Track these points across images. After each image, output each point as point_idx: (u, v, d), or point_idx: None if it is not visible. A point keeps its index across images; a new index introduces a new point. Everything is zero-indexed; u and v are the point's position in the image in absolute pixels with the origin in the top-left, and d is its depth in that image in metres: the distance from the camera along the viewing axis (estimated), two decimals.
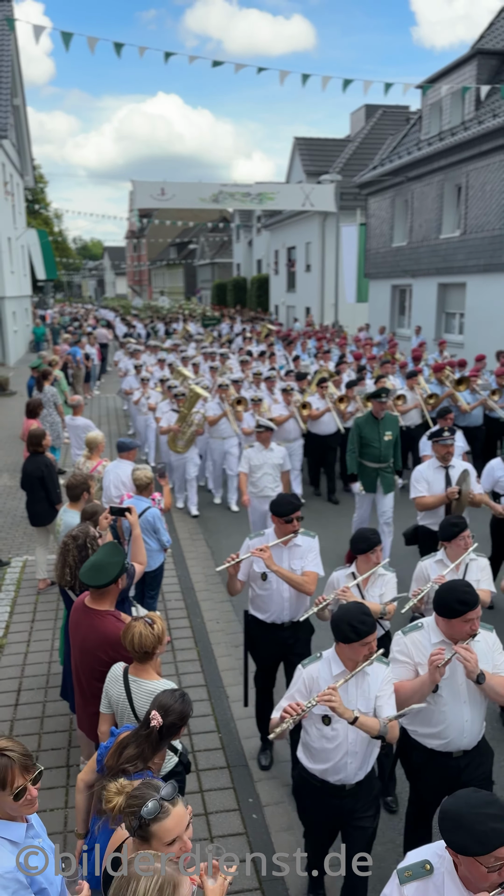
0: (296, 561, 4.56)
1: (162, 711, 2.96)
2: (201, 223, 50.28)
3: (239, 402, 10.28)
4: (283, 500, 4.51)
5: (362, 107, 32.50)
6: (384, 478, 8.04)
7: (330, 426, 10.44)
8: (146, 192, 22.10)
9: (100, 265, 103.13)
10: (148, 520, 5.86)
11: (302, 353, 17.37)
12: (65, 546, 4.50)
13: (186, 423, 9.85)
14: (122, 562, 3.86)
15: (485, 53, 17.29)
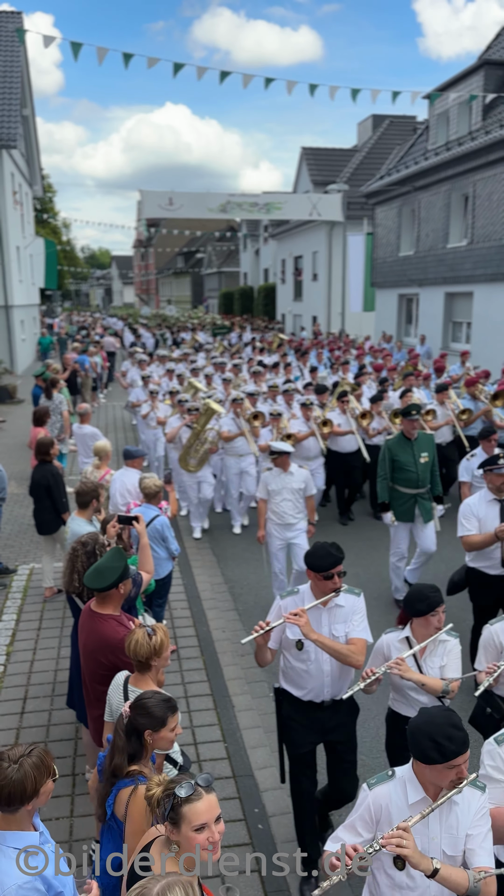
0: (338, 625, 3.81)
1: (133, 703, 2.93)
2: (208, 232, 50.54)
3: (256, 416, 9.63)
4: (322, 551, 3.73)
5: (369, 117, 32.65)
6: (423, 505, 7.16)
7: (352, 443, 9.75)
8: (154, 201, 22.24)
9: (107, 274, 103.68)
10: (157, 528, 5.87)
11: (318, 363, 16.65)
12: (74, 552, 4.51)
13: (199, 441, 9.21)
14: (122, 567, 3.86)
15: (492, 64, 17.35)
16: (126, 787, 2.84)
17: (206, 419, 9.21)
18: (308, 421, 9.39)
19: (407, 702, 3.79)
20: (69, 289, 78.92)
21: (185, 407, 9.64)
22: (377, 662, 3.83)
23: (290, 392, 10.54)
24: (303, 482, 6.92)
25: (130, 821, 2.79)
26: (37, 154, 30.28)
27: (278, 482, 6.88)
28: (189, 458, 9.28)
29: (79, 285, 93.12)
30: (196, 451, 9.22)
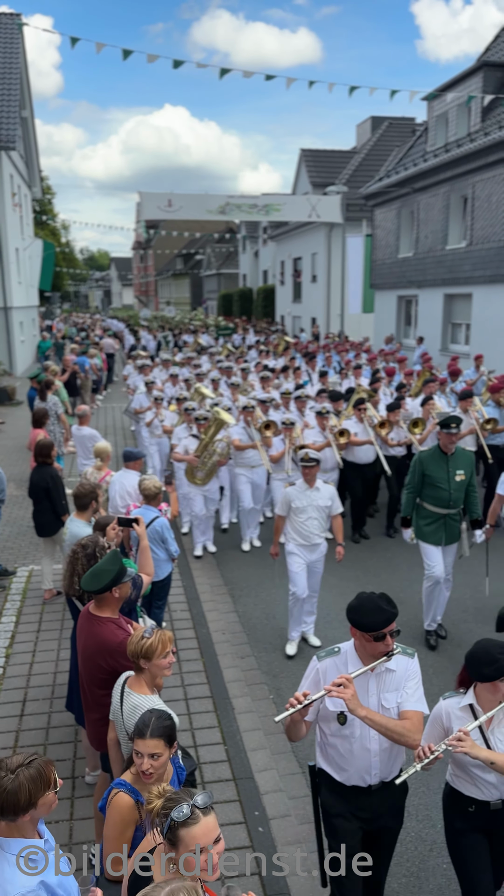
0: (389, 694, 3.17)
1: (138, 721, 2.97)
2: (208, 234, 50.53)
3: (268, 426, 8.98)
4: (370, 604, 3.09)
5: (368, 118, 32.68)
6: (450, 527, 6.52)
7: (369, 453, 9.25)
8: (153, 203, 22.24)
9: (106, 276, 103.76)
10: (156, 529, 5.86)
11: (327, 367, 15.89)
12: (73, 555, 4.49)
13: (207, 452, 8.61)
14: (116, 570, 3.84)
15: (491, 66, 17.37)
16: (112, 789, 2.91)
17: (216, 430, 8.61)
18: (324, 431, 8.98)
19: (471, 780, 3.20)
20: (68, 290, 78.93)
21: (191, 416, 9.03)
22: (435, 734, 3.28)
23: (302, 399, 10.04)
24: (329, 499, 6.34)
25: (106, 823, 2.86)
26: (36, 156, 30.27)
27: (303, 499, 6.26)
28: (196, 471, 8.68)
29: (78, 287, 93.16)
30: (204, 463, 8.61)
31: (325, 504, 6.32)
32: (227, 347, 20.68)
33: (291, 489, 6.35)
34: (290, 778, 4.83)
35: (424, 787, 4.74)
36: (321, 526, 6.39)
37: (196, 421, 8.79)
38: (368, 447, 9.24)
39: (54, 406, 11.11)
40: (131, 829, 2.86)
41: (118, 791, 2.87)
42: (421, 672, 3.29)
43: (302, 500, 6.29)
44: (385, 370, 13.26)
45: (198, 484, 8.70)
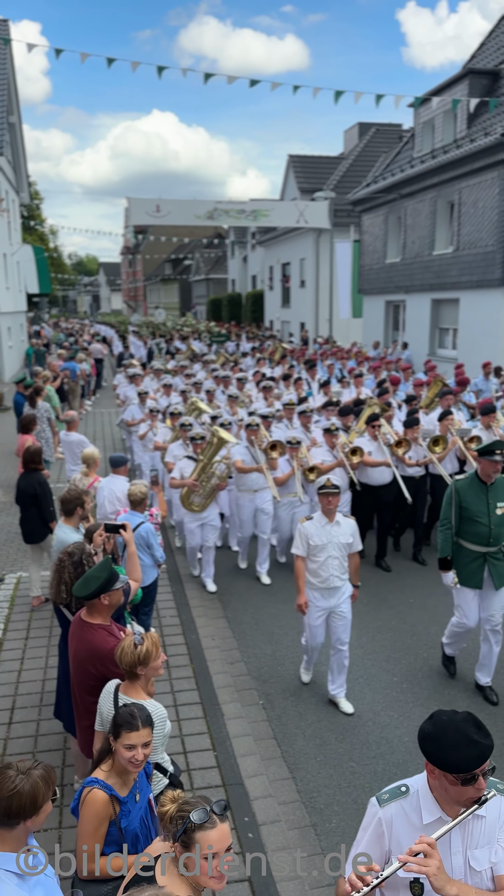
0: (479, 851, 2.34)
1: (116, 716, 3.00)
2: (196, 239, 50.62)
3: (274, 447, 8.05)
4: (456, 734, 2.25)
5: (355, 125, 32.89)
6: (494, 567, 5.67)
7: (385, 474, 8.37)
8: (141, 209, 22.25)
9: (95, 281, 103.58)
10: (141, 535, 5.84)
11: (328, 376, 14.95)
12: (60, 563, 4.46)
13: (206, 475, 7.76)
14: (105, 577, 3.84)
15: (476, 73, 17.53)
16: (85, 787, 2.91)
17: (215, 450, 7.79)
18: (333, 449, 8.24)
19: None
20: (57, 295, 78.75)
21: (187, 433, 8.26)
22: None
23: (307, 414, 9.14)
24: (351, 535, 5.58)
25: (80, 821, 2.86)
26: (23, 161, 30.24)
27: (322, 535, 5.50)
28: (193, 496, 7.84)
29: (66, 292, 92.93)
30: (202, 487, 7.79)
31: (346, 541, 5.55)
32: (222, 355, 19.81)
33: (308, 525, 5.56)
34: (279, 783, 4.83)
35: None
36: (342, 566, 5.59)
37: (193, 441, 7.92)
38: (384, 468, 8.38)
39: (46, 412, 11.08)
40: (105, 825, 2.88)
41: (91, 788, 2.88)
42: None
43: (321, 537, 5.50)
44: (390, 379, 12.29)
45: (195, 511, 7.80)
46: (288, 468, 8.08)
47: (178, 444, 8.49)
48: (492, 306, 16.40)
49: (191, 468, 7.85)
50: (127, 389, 13.51)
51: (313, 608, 5.62)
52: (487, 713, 5.60)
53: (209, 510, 7.88)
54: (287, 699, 5.88)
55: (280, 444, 8.12)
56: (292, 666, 6.40)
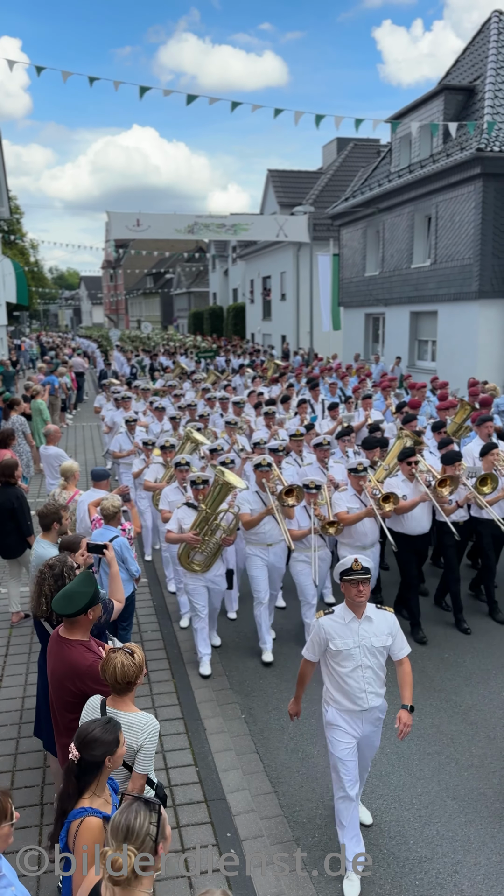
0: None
1: (78, 743, 2.85)
2: (177, 253, 50.78)
3: (290, 492, 6.52)
4: None
5: (334, 140, 33.30)
6: None
7: (423, 521, 7.02)
8: (122, 223, 22.29)
9: (76, 295, 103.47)
10: (115, 549, 5.81)
11: (330, 396, 12.97)
12: (41, 575, 4.42)
13: (209, 527, 6.27)
14: (92, 592, 3.82)
15: (451, 89, 17.83)
16: (75, 819, 2.80)
17: (220, 496, 6.25)
18: (360, 494, 6.71)
19: None
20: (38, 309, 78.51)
21: (184, 474, 6.97)
22: None
23: (324, 447, 7.67)
24: (390, 635, 4.07)
25: (79, 850, 2.75)
26: (3, 175, 30.16)
27: (347, 636, 4.02)
28: (193, 553, 6.34)
29: (48, 306, 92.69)
30: (204, 542, 6.28)
31: (382, 644, 4.05)
32: (213, 373, 17.91)
33: (327, 620, 4.07)
34: (262, 798, 4.80)
35: (396, 804, 4.74)
36: (378, 678, 4.07)
37: (193, 485, 6.35)
38: (422, 513, 6.99)
39: (21, 426, 11.01)
40: None
41: (84, 816, 2.80)
42: None
43: (346, 639, 4.02)
44: (409, 402, 10.45)
45: (196, 571, 6.33)
46: (308, 523, 6.60)
47: (173, 487, 7.13)
48: (469, 318, 16.60)
49: (191, 518, 6.29)
50: (114, 415, 11.98)
51: (340, 733, 4.06)
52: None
53: (214, 569, 6.42)
54: (269, 713, 5.86)
55: (298, 490, 6.50)
56: (274, 679, 6.37)
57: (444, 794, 4.82)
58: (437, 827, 4.52)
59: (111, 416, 12.16)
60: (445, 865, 4.22)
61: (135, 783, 3.29)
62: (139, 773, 3.32)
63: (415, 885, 4.07)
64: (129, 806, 2.31)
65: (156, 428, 10.66)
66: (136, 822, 2.25)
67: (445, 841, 4.42)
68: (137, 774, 3.32)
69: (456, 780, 4.97)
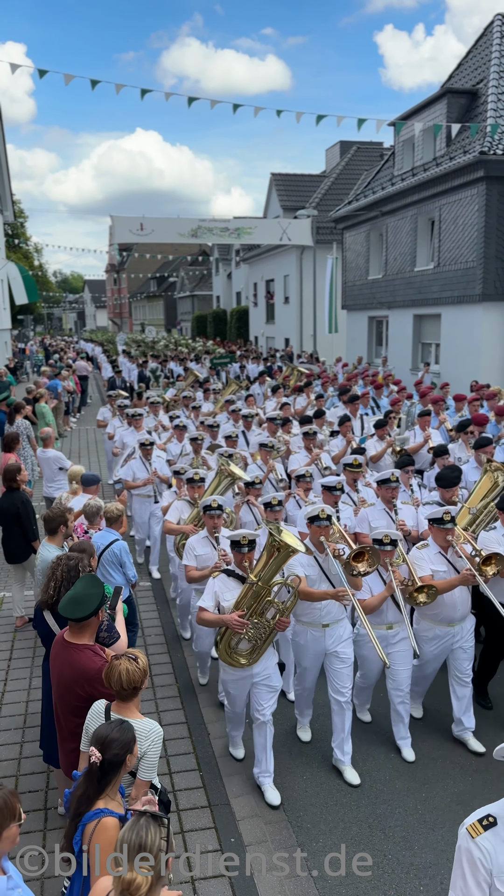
0: None
1: (99, 745, 2.89)
2: (181, 256, 50.84)
3: (360, 555, 4.77)
4: None
5: (337, 143, 33.31)
6: None
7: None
8: (125, 227, 22.34)
9: (80, 298, 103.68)
10: (114, 552, 5.82)
11: (360, 408, 10.84)
12: (56, 562, 4.42)
13: (258, 605, 4.56)
14: (102, 593, 3.85)
15: (454, 92, 17.84)
16: (91, 821, 2.82)
17: (276, 565, 4.49)
18: (446, 551, 5.15)
19: None
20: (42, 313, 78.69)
21: (214, 520, 5.53)
22: None
23: (391, 485, 6.13)
24: None
25: (101, 852, 2.76)
26: (7, 180, 30.27)
27: None
28: (237, 639, 4.66)
29: (51, 309, 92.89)
30: (255, 626, 4.60)
31: None
32: (233, 382, 15.84)
33: None
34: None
35: (401, 809, 4.73)
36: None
37: (237, 547, 4.66)
38: None
39: (25, 430, 11.02)
40: None
41: (101, 817, 2.80)
42: None
43: None
44: (474, 418, 8.86)
45: (241, 666, 4.69)
46: (380, 582, 5.06)
47: (201, 537, 5.65)
48: (473, 322, 16.58)
49: (233, 593, 4.70)
50: (124, 434, 10.36)
51: None
52: None
53: (263, 661, 4.74)
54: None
55: (372, 555, 4.78)
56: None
57: (449, 798, 4.81)
58: (442, 832, 4.51)
59: (120, 434, 10.51)
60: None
61: (138, 789, 3.29)
62: (143, 780, 3.33)
63: (419, 891, 4.06)
64: (137, 822, 2.32)
65: (175, 449, 9.33)
66: (148, 838, 2.27)
67: (451, 847, 4.40)
68: (141, 781, 3.32)
69: (461, 784, 4.96)
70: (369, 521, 6.26)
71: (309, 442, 8.24)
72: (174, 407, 12.63)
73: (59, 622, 4.37)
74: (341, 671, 5.00)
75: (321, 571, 4.99)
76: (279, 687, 4.87)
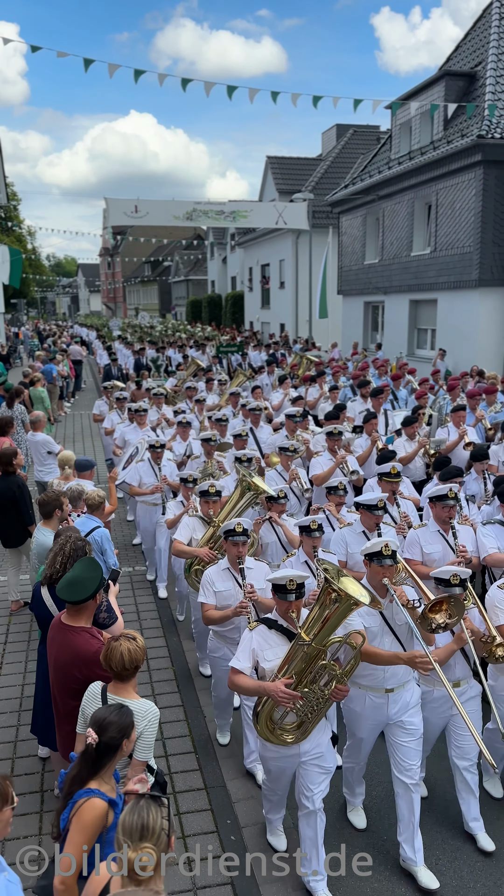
0: None
1: (97, 727, 2.89)
2: (175, 240, 50.51)
3: (438, 605, 3.87)
4: None
5: (333, 126, 33.03)
6: None
7: None
8: (119, 209, 22.14)
9: (73, 282, 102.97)
10: (96, 540, 5.70)
11: (389, 407, 10.11)
12: (66, 538, 4.39)
13: (312, 671, 3.62)
14: (101, 576, 3.86)
15: (452, 75, 17.68)
16: (81, 798, 2.83)
17: (335, 621, 3.53)
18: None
19: None
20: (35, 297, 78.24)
21: (238, 548, 4.58)
22: None
23: (448, 503, 5.13)
24: None
25: (76, 825, 2.75)
26: (0, 162, 29.94)
27: None
28: (280, 714, 3.72)
29: (45, 294, 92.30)
30: (307, 697, 3.63)
31: None
32: (240, 373, 14.56)
33: None
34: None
35: None
36: None
37: (282, 592, 3.71)
38: None
39: (21, 415, 10.96)
40: (96, 836, 2.82)
41: (89, 797, 2.80)
42: None
43: None
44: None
45: (287, 743, 3.75)
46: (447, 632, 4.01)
47: (221, 570, 4.71)
48: (469, 307, 16.54)
49: (277, 650, 3.74)
50: (126, 432, 9.51)
51: None
52: None
53: (315, 736, 3.77)
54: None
55: (454, 604, 3.85)
56: None
57: (448, 797, 4.84)
58: (443, 834, 4.53)
59: (122, 432, 9.60)
60: (453, 876, 4.23)
61: (134, 769, 3.30)
62: (139, 760, 3.33)
63: (419, 890, 4.08)
64: (138, 804, 2.34)
65: (179, 448, 8.50)
66: (150, 820, 2.29)
67: (448, 842, 4.43)
68: (137, 761, 3.33)
69: None
70: (421, 545, 5.25)
71: (333, 443, 7.26)
72: (175, 399, 11.76)
73: (57, 603, 4.36)
74: (408, 746, 4.06)
75: (384, 622, 3.99)
76: (333, 768, 3.90)
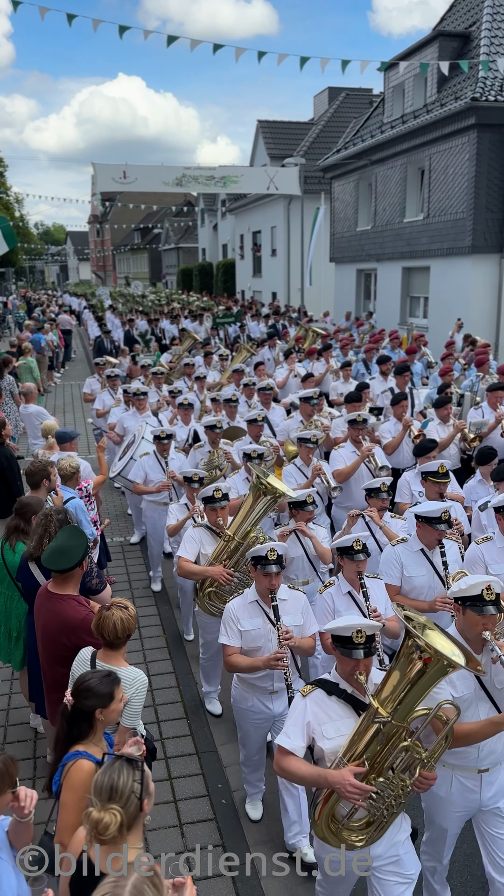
0: None
1: (74, 689, 2.91)
2: (165, 207, 49.74)
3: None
4: None
5: (325, 89, 32.40)
6: None
7: None
8: (108, 175, 21.71)
9: (62, 251, 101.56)
10: (70, 510, 5.66)
11: (417, 384, 9.48)
12: (47, 517, 4.31)
13: (387, 755, 2.68)
14: (86, 543, 3.86)
15: (446, 35, 17.28)
16: (69, 761, 2.84)
17: (422, 690, 2.64)
18: None
19: None
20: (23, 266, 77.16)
21: (271, 578, 3.70)
22: None
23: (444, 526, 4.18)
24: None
25: (67, 788, 2.77)
26: None
27: None
28: (347, 811, 2.78)
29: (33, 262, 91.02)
30: (380, 787, 2.69)
31: None
32: (243, 347, 13.18)
33: None
34: None
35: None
36: None
37: (346, 648, 2.81)
38: None
39: (9, 386, 10.86)
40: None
41: (77, 759, 2.82)
42: None
43: None
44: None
45: (355, 847, 2.84)
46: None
47: (248, 604, 3.86)
48: (462, 274, 16.40)
49: (339, 724, 2.87)
50: (123, 418, 8.51)
51: None
52: None
53: (390, 835, 2.86)
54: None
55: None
56: None
57: None
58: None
59: (119, 418, 8.56)
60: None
61: (121, 736, 3.32)
62: (125, 727, 3.36)
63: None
64: (112, 765, 2.33)
65: (181, 433, 7.77)
66: (120, 781, 2.27)
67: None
68: (123, 728, 3.35)
69: None
70: (486, 562, 4.33)
71: (357, 432, 6.19)
72: (171, 377, 10.83)
73: (44, 573, 4.34)
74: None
75: (480, 687, 3.02)
76: (416, 875, 2.93)
